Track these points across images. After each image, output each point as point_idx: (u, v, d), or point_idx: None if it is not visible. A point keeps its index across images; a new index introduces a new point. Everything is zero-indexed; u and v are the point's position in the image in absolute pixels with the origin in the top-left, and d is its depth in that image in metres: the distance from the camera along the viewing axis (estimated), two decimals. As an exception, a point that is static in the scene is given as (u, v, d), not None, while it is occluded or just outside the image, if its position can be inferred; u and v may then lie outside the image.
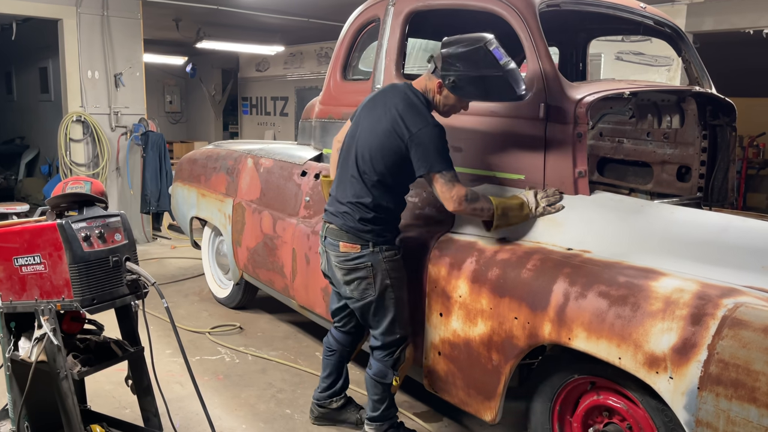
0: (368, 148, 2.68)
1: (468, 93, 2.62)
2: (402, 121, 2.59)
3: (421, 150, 2.56)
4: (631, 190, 3.68)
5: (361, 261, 2.70)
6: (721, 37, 6.73)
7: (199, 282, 5.65)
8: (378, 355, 2.83)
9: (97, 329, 2.69)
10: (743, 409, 1.82)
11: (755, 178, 9.49)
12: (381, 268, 2.70)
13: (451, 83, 2.56)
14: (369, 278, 2.71)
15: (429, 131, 2.56)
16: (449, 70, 2.54)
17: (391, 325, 2.76)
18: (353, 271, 2.73)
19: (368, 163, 2.68)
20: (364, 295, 2.74)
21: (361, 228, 2.69)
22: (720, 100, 3.26)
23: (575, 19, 3.60)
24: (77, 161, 6.83)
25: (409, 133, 2.57)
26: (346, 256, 2.72)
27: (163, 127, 13.25)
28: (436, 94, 2.66)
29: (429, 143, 2.56)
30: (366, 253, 2.70)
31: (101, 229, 2.43)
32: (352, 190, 2.72)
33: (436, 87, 2.63)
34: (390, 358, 2.80)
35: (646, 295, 2.11)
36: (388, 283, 2.72)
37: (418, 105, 2.64)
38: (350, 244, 2.71)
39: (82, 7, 6.63)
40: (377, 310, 2.76)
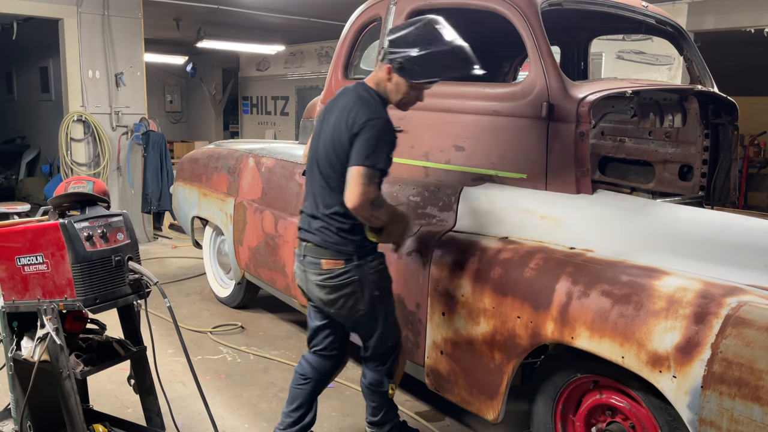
0: (327, 153, 2.52)
1: (416, 74, 2.43)
2: (351, 116, 2.44)
3: (360, 141, 2.39)
4: (633, 189, 3.68)
5: (347, 277, 2.52)
6: (722, 36, 6.73)
7: (200, 281, 5.65)
8: (371, 365, 2.75)
9: (99, 329, 2.69)
10: (747, 408, 1.82)
11: (756, 177, 9.49)
12: (368, 281, 2.54)
13: (398, 65, 2.41)
14: (357, 293, 2.54)
15: (374, 124, 2.39)
16: (396, 53, 2.41)
17: (382, 337, 2.67)
18: (339, 288, 2.54)
19: (330, 168, 2.51)
20: (353, 312, 2.58)
21: (342, 241, 2.51)
22: (722, 98, 3.26)
23: (577, 18, 3.60)
24: (78, 161, 6.83)
25: (354, 125, 2.41)
26: (329, 274, 2.52)
27: (163, 126, 13.23)
28: (386, 83, 2.49)
29: (371, 137, 2.38)
30: (351, 267, 2.51)
31: (104, 229, 2.43)
32: (322, 202, 2.55)
33: (385, 74, 2.47)
34: (384, 367, 2.73)
35: (649, 294, 2.11)
36: (377, 294, 2.58)
37: (368, 99, 2.49)
38: (333, 260, 2.52)
39: (82, 7, 6.63)
40: (368, 323, 2.64)
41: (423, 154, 3.25)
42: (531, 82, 2.78)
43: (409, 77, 2.44)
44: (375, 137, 2.38)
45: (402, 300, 3.02)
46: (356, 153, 2.38)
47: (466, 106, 3.06)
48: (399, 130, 2.55)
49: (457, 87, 3.11)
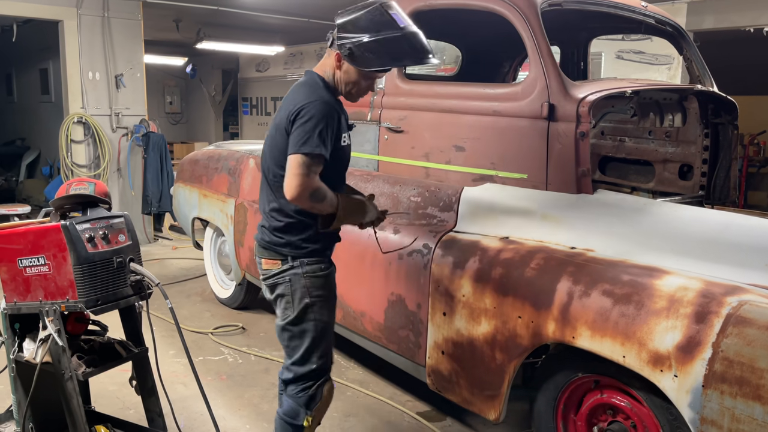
0: (270, 148, 2.38)
1: (367, 61, 2.25)
2: (291, 104, 2.28)
3: (296, 128, 2.21)
4: (633, 188, 3.68)
5: (281, 277, 2.38)
6: (721, 36, 6.73)
7: (201, 282, 5.65)
8: (291, 390, 2.43)
9: (101, 330, 2.69)
10: (748, 407, 1.82)
11: (756, 176, 9.49)
12: (300, 285, 2.36)
13: (348, 52, 2.24)
14: (288, 295, 2.38)
15: (310, 107, 2.21)
16: (345, 38, 2.24)
17: (306, 354, 2.39)
18: (274, 288, 2.42)
19: (269, 160, 2.37)
20: (284, 315, 2.41)
21: (277, 241, 2.37)
22: (721, 98, 3.27)
23: (576, 18, 3.60)
24: (78, 162, 6.83)
25: (293, 112, 2.23)
26: (267, 273, 2.42)
27: (163, 127, 13.22)
28: (336, 71, 2.34)
29: (306, 120, 2.20)
30: (286, 268, 2.37)
31: (105, 230, 2.43)
32: (263, 199, 2.45)
33: (335, 61, 2.32)
34: (304, 395, 2.40)
35: (650, 294, 2.12)
36: (307, 302, 2.36)
37: (310, 83, 2.33)
38: (271, 260, 2.41)
39: (82, 9, 6.63)
40: (294, 334, 2.40)
41: (423, 155, 3.26)
42: (531, 82, 2.78)
43: (360, 65, 2.28)
44: (311, 121, 2.19)
45: (403, 300, 3.02)
46: (292, 141, 2.21)
47: (466, 107, 3.07)
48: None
49: (458, 87, 3.12)
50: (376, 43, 2.21)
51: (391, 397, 3.51)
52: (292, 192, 2.19)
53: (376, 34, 2.20)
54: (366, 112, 3.56)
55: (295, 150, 2.19)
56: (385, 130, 3.44)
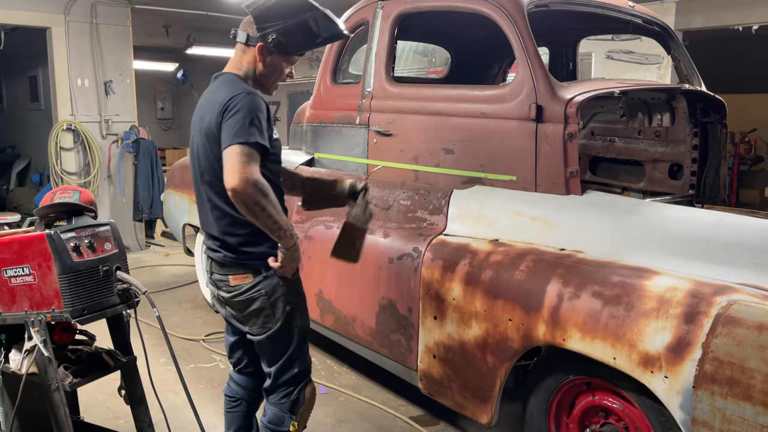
0: (205, 158, 2.24)
1: (296, 45, 2.22)
2: (216, 104, 2.18)
3: (226, 122, 2.11)
4: (624, 188, 3.68)
5: (256, 291, 2.28)
6: (711, 34, 6.76)
7: (192, 289, 5.62)
8: (273, 398, 2.40)
9: (88, 339, 2.66)
10: (739, 407, 1.81)
11: (747, 174, 9.52)
12: (278, 294, 2.29)
13: (275, 41, 2.17)
14: (266, 308, 2.29)
15: (238, 100, 2.12)
16: (267, 28, 2.17)
17: (289, 360, 2.35)
18: (248, 304, 2.31)
19: (210, 173, 2.23)
20: (264, 329, 2.32)
21: (245, 256, 2.28)
22: (710, 97, 3.27)
23: (564, 18, 3.60)
24: (68, 170, 6.80)
25: (221, 109, 2.14)
26: (238, 290, 2.30)
27: (154, 133, 13.19)
28: (258, 64, 2.25)
29: (237, 112, 2.10)
30: (260, 280, 2.27)
31: (91, 239, 2.40)
32: (214, 217, 2.30)
33: (258, 54, 2.23)
34: (287, 400, 2.37)
35: (639, 295, 2.11)
36: (289, 309, 2.32)
37: (230, 81, 2.25)
38: (240, 275, 2.29)
39: (70, 15, 6.61)
40: (278, 343, 2.34)
41: (413, 158, 3.24)
42: (518, 83, 2.78)
43: (289, 51, 2.24)
44: (240, 112, 2.10)
45: (394, 304, 3.00)
46: (225, 135, 2.10)
47: (454, 109, 3.06)
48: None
49: (445, 90, 3.11)
50: (300, 24, 2.18)
51: (384, 402, 3.49)
52: (234, 182, 2.02)
53: (299, 17, 2.16)
54: (354, 116, 3.55)
55: (230, 142, 2.07)
56: (373, 133, 3.43)
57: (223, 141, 2.10)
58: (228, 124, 2.11)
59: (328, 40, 2.33)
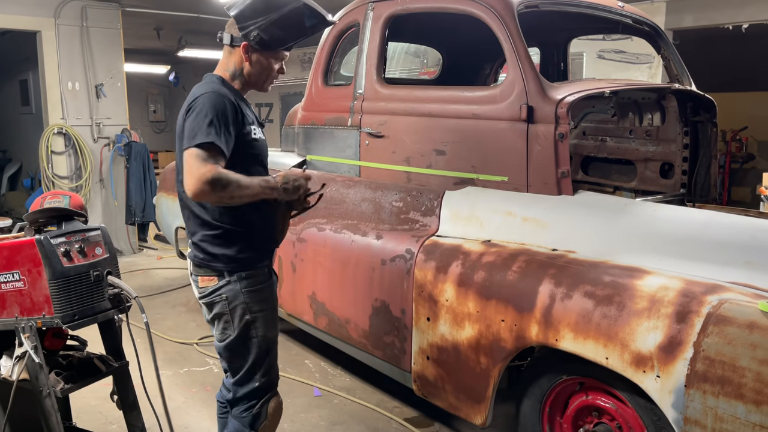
0: (177, 158, 2.22)
1: (278, 40, 2.19)
2: (184, 105, 2.17)
3: (188, 121, 2.09)
4: (616, 188, 3.69)
5: (218, 295, 2.23)
6: (701, 33, 6.79)
7: (186, 292, 5.60)
8: (236, 411, 2.33)
9: (80, 345, 2.65)
10: (731, 406, 1.82)
11: (739, 172, 9.56)
12: (239, 301, 2.22)
13: (258, 39, 2.15)
14: (226, 314, 2.24)
15: (198, 101, 2.10)
16: (248, 27, 2.14)
17: (249, 372, 2.28)
18: (211, 307, 2.27)
19: (181, 173, 2.18)
20: (223, 335, 2.27)
21: (210, 256, 2.22)
22: (700, 96, 3.28)
23: (555, 19, 3.61)
24: (60, 174, 6.76)
25: (186, 109, 2.13)
26: (204, 291, 2.27)
27: (147, 136, 13.13)
28: (244, 63, 2.23)
29: (196, 114, 2.07)
30: (223, 284, 2.22)
31: (81, 244, 2.39)
32: (185, 214, 2.29)
33: (243, 54, 2.21)
34: (248, 414, 2.29)
35: (631, 294, 2.11)
36: (248, 319, 2.24)
37: (204, 82, 2.23)
38: (207, 277, 2.25)
39: (60, 19, 6.58)
40: (236, 352, 2.28)
41: (404, 159, 3.24)
42: (509, 84, 2.78)
43: (273, 47, 2.21)
44: (200, 113, 2.06)
45: (387, 306, 3.00)
46: (185, 137, 2.08)
47: (445, 110, 3.06)
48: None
49: (436, 91, 3.11)
50: (281, 19, 2.14)
51: (379, 404, 3.49)
52: (190, 188, 2.01)
53: (279, 11, 2.13)
54: (346, 118, 3.55)
55: (187, 145, 2.05)
56: (365, 135, 3.43)
57: (184, 142, 2.09)
58: (187, 127, 2.09)
59: (312, 30, 2.26)
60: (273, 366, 2.36)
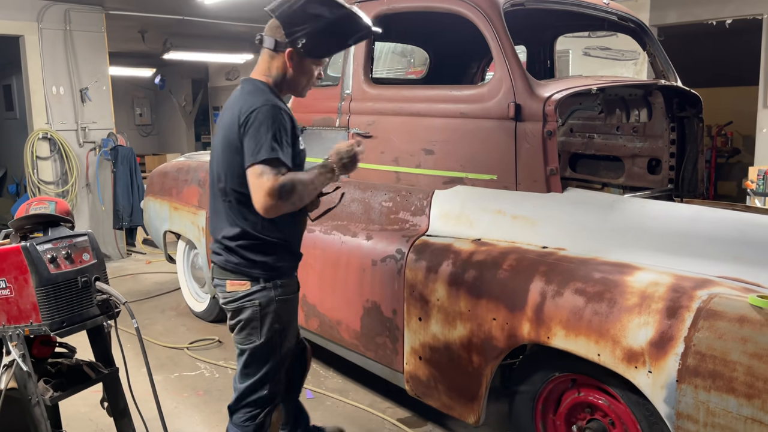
0: (221, 165, 2.25)
1: (326, 48, 2.25)
2: (237, 112, 2.16)
3: (247, 138, 2.10)
4: (604, 184, 3.71)
5: (249, 300, 2.25)
6: (685, 29, 6.83)
7: (175, 296, 5.57)
8: (237, 418, 2.32)
9: (69, 352, 2.62)
10: (722, 400, 1.82)
11: (725, 167, 9.64)
12: (271, 309, 2.25)
13: (305, 45, 2.16)
14: (255, 320, 2.25)
15: (257, 113, 2.10)
16: (296, 33, 2.15)
17: (262, 380, 2.30)
18: (239, 312, 2.28)
19: (224, 182, 2.24)
20: (247, 341, 2.28)
21: (247, 263, 2.25)
22: (686, 92, 3.30)
23: (541, 17, 3.61)
24: (45, 179, 6.70)
25: (242, 120, 2.12)
26: (233, 296, 2.28)
27: (134, 140, 13.07)
28: (288, 69, 2.23)
29: (257, 127, 2.08)
30: (257, 289, 2.25)
31: (68, 250, 2.36)
32: (224, 221, 2.30)
33: (287, 59, 2.21)
34: (251, 424, 2.30)
35: (621, 291, 2.12)
36: (277, 328, 2.27)
37: (254, 90, 2.22)
38: (238, 281, 2.26)
39: (43, 23, 6.52)
40: (256, 359, 2.29)
41: (393, 159, 3.23)
42: (497, 83, 2.78)
43: (319, 54, 2.24)
44: (262, 126, 2.08)
45: (378, 307, 2.99)
46: (246, 152, 2.10)
47: (433, 110, 3.05)
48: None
49: (424, 90, 3.11)
50: (330, 26, 2.17)
51: (371, 405, 3.48)
52: (261, 206, 2.06)
53: (328, 18, 2.16)
54: (334, 118, 3.54)
55: (251, 161, 2.08)
56: (353, 135, 3.42)
57: (246, 158, 2.10)
58: (249, 141, 2.10)
59: (357, 39, 2.32)
60: (282, 378, 2.39)
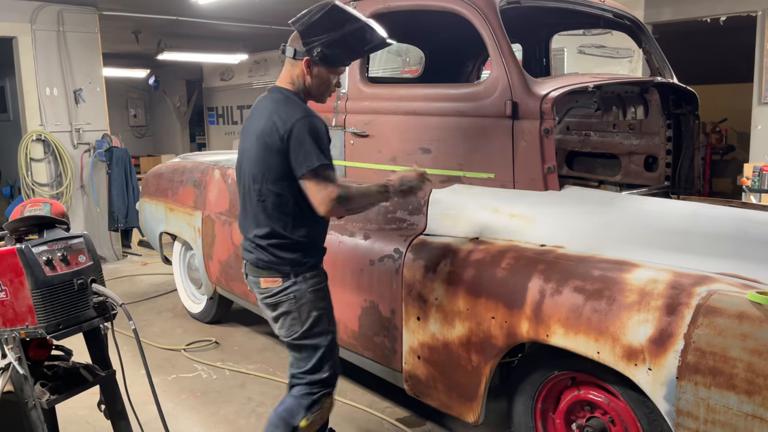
0: (253, 167, 2.39)
1: (340, 57, 2.37)
2: (275, 120, 2.31)
3: (295, 147, 2.27)
4: (601, 182, 3.71)
5: (285, 294, 2.41)
6: (680, 27, 6.84)
7: (172, 298, 5.54)
8: (297, 390, 2.48)
9: (65, 354, 2.60)
10: (723, 397, 1.82)
11: (720, 164, 9.67)
12: (306, 299, 2.41)
13: (320, 54, 2.30)
14: (294, 312, 2.42)
15: (302, 124, 2.27)
16: (312, 42, 2.30)
17: (319, 362, 2.45)
18: (277, 306, 2.44)
19: (259, 183, 2.37)
20: (291, 332, 2.44)
21: (278, 261, 2.40)
22: (682, 89, 3.30)
23: (536, 14, 3.61)
24: (39, 181, 6.67)
25: (284, 131, 2.27)
26: (268, 292, 2.44)
27: (128, 141, 13.01)
28: (306, 77, 2.38)
29: (305, 138, 2.26)
30: (289, 284, 2.40)
31: (64, 252, 2.34)
32: (255, 221, 2.44)
33: (305, 68, 2.36)
34: (309, 398, 2.45)
35: (620, 288, 2.11)
36: (315, 314, 2.43)
37: (287, 99, 2.37)
38: (271, 278, 2.42)
39: (36, 24, 6.48)
40: (305, 346, 2.45)
41: (390, 158, 3.22)
42: (493, 81, 2.78)
43: (334, 63, 2.37)
44: (308, 137, 2.26)
45: (376, 306, 2.98)
46: (297, 161, 2.27)
47: (430, 108, 3.05)
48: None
49: (420, 89, 3.10)
50: (344, 38, 2.30)
51: (370, 405, 3.47)
52: (323, 209, 2.29)
53: (342, 30, 2.29)
54: (331, 118, 3.52)
55: (304, 171, 2.27)
56: (350, 135, 3.41)
57: (297, 168, 2.28)
58: (297, 151, 2.27)
59: (371, 50, 2.46)
60: (337, 361, 2.53)
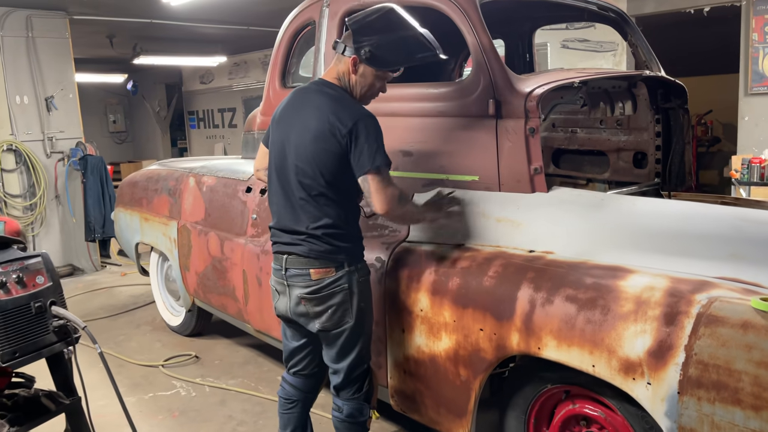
0: (307, 162, 2.37)
1: (387, 61, 2.38)
2: (334, 118, 2.32)
3: (359, 146, 2.30)
4: (589, 180, 3.59)
5: (338, 285, 2.39)
6: (663, 19, 6.76)
7: (151, 310, 5.36)
8: (346, 394, 2.53)
9: (27, 381, 2.44)
10: (728, 412, 1.70)
11: (706, 156, 9.63)
12: (357, 290, 2.42)
13: (368, 54, 2.32)
14: (346, 302, 2.40)
15: (365, 124, 2.31)
16: (362, 42, 2.32)
17: (359, 355, 2.49)
18: (328, 298, 2.39)
19: (314, 178, 2.36)
20: (341, 323, 2.42)
21: (332, 249, 2.39)
22: (670, 82, 3.19)
23: (518, 9, 3.49)
24: (11, 192, 6.45)
25: (345, 129, 2.29)
26: (319, 284, 2.38)
27: (108, 147, 12.79)
28: (351, 75, 2.40)
29: (368, 137, 2.30)
30: (342, 274, 2.39)
31: (19, 273, 2.18)
32: (306, 214, 2.40)
33: (351, 66, 2.38)
34: (361, 393, 2.53)
35: (615, 296, 1.99)
36: (363, 306, 2.45)
37: (341, 97, 2.40)
38: (324, 268, 2.38)
39: (4, 30, 6.26)
40: (351, 338, 2.46)
41: (370, 162, 3.08)
42: (475, 79, 2.64)
43: (380, 65, 2.38)
44: (371, 135, 2.31)
45: (359, 318, 2.84)
46: (364, 159, 2.30)
47: (410, 109, 2.91)
48: None
49: (399, 89, 2.95)
50: (393, 42, 2.35)
51: (356, 419, 3.32)
52: (384, 207, 2.32)
53: (392, 34, 2.34)
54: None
55: (370, 167, 2.29)
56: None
57: (360, 165, 2.31)
58: (364, 148, 2.30)
59: (421, 60, 2.42)
60: (370, 349, 2.61)
